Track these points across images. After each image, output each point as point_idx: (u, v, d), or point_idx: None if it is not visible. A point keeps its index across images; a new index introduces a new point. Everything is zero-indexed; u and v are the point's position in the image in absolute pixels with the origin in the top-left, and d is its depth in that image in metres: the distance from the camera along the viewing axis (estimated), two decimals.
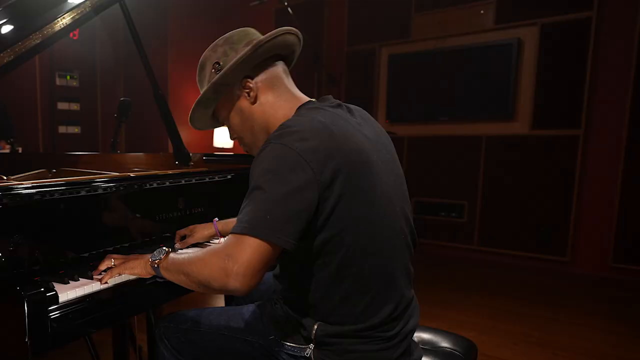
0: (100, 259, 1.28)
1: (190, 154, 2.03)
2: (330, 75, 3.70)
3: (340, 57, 4.94)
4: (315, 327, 1.10)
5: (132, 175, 1.44)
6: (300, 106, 1.17)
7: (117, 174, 1.46)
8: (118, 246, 1.35)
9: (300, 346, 1.14)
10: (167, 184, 1.50)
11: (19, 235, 1.09)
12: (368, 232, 1.06)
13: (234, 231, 0.99)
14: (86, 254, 1.26)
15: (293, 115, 1.14)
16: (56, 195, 1.17)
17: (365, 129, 1.15)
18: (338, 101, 1.20)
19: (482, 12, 4.18)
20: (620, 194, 3.68)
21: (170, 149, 2.06)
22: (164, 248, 1.16)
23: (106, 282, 1.13)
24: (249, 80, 1.19)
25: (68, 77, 4.51)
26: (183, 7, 4.79)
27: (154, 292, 1.23)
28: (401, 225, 1.14)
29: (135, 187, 1.40)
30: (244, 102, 1.22)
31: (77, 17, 1.59)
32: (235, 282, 0.95)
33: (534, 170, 4.02)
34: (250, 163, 2.04)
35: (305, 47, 1.33)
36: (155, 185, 1.46)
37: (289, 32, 1.19)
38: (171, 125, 1.97)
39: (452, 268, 4.23)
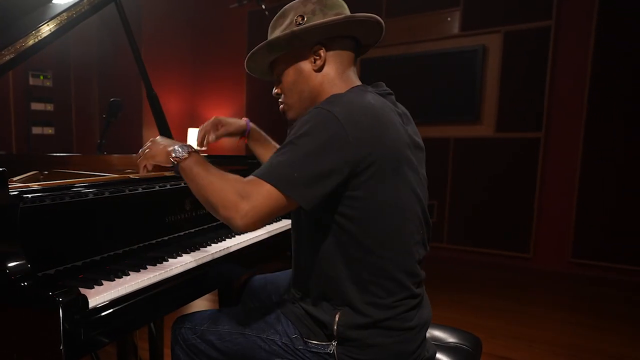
0: (115, 261, 1.26)
1: None
2: None
3: None
4: (337, 319, 1.12)
5: (159, 175, 1.42)
6: (356, 87, 1.19)
7: (129, 175, 1.44)
8: (135, 247, 1.33)
9: (323, 343, 1.15)
10: (183, 184, 1.49)
11: (41, 238, 1.06)
12: (393, 222, 1.09)
13: (259, 174, 1.02)
14: (98, 257, 1.23)
15: (346, 91, 1.16)
16: (79, 197, 1.14)
17: (406, 123, 1.19)
18: (389, 90, 1.24)
19: (448, 19, 4.33)
20: (578, 193, 3.92)
21: None
22: (188, 145, 1.17)
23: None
24: (322, 48, 1.19)
25: (41, 77, 4.30)
26: (156, 7, 4.69)
27: (183, 290, 1.23)
28: (421, 222, 1.18)
29: (157, 187, 1.38)
30: (307, 65, 1.21)
31: (74, 15, 1.55)
32: (240, 221, 1.00)
33: (499, 171, 4.20)
34: (243, 164, 2.06)
35: None
36: (168, 186, 1.45)
37: (379, 24, 1.20)
38: (164, 125, 1.94)
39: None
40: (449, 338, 1.42)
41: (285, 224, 1.90)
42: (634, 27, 3.58)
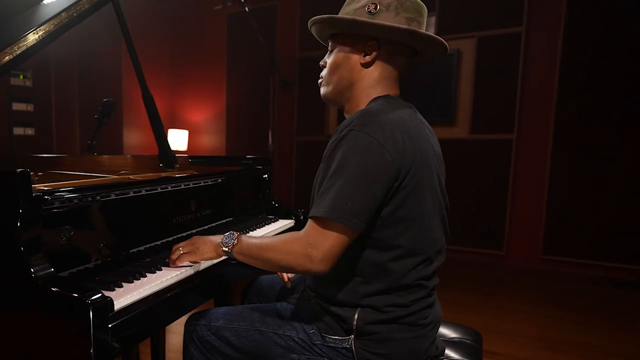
0: (127, 262, 1.26)
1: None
2: (284, 80, 3.76)
3: (293, 63, 5.02)
4: (356, 316, 1.15)
5: (172, 176, 1.42)
6: (384, 96, 1.21)
7: (128, 176, 1.44)
8: (142, 248, 1.33)
9: (341, 338, 1.17)
10: (202, 183, 1.52)
11: (56, 240, 1.06)
12: (419, 230, 1.13)
13: (315, 215, 1.05)
14: (108, 259, 1.23)
15: (374, 103, 1.18)
16: (96, 199, 1.14)
17: (430, 136, 1.23)
18: (410, 104, 1.26)
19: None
20: (548, 192, 4.09)
21: (126, 152, 2.03)
22: (234, 233, 1.20)
23: (179, 267, 1.24)
24: (377, 46, 1.19)
25: (21, 77, 4.14)
26: (135, 9, 4.62)
27: (199, 290, 1.25)
28: (441, 231, 1.23)
29: (170, 188, 1.39)
30: (356, 56, 1.22)
31: (74, 14, 1.54)
32: (319, 267, 1.04)
33: (474, 171, 4.34)
34: (237, 164, 2.08)
35: (262, 52, 1.38)
36: (182, 186, 1.46)
37: (442, 46, 1.21)
38: (158, 126, 1.93)
39: None
40: (452, 333, 1.48)
41: (283, 224, 1.94)
42: (599, 32, 3.77)
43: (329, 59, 1.29)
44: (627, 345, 2.72)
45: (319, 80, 1.33)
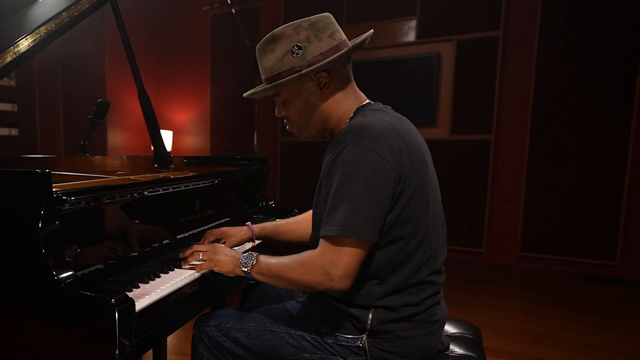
0: (137, 262, 1.26)
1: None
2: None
3: None
4: (370, 316, 1.16)
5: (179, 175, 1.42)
6: (362, 106, 1.24)
7: (128, 177, 1.43)
8: (148, 248, 1.34)
9: (354, 336, 1.19)
10: (208, 183, 1.53)
11: (69, 242, 1.06)
12: (424, 226, 1.17)
13: (328, 234, 1.05)
14: (117, 260, 1.23)
15: (359, 116, 1.20)
16: (120, 198, 1.14)
17: (416, 130, 1.26)
18: (389, 106, 1.29)
19: (406, 27, 4.53)
20: (525, 192, 4.22)
21: (110, 152, 2.02)
22: (253, 253, 1.20)
23: (198, 272, 1.24)
24: (326, 74, 1.20)
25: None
26: (120, 8, 4.55)
27: (212, 290, 1.28)
28: (442, 222, 1.27)
29: (179, 188, 1.40)
30: (312, 93, 1.22)
31: (74, 14, 1.53)
32: (340, 285, 1.05)
33: (454, 171, 4.43)
34: (233, 165, 2.09)
35: (246, 53, 1.38)
36: (191, 186, 1.47)
37: (368, 37, 1.25)
38: (154, 127, 1.92)
39: None
40: (452, 329, 1.51)
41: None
42: (573, 36, 3.92)
43: (286, 110, 1.28)
44: (604, 337, 2.84)
45: (288, 128, 1.33)
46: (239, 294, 1.71)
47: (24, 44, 1.38)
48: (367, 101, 1.29)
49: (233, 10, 3.33)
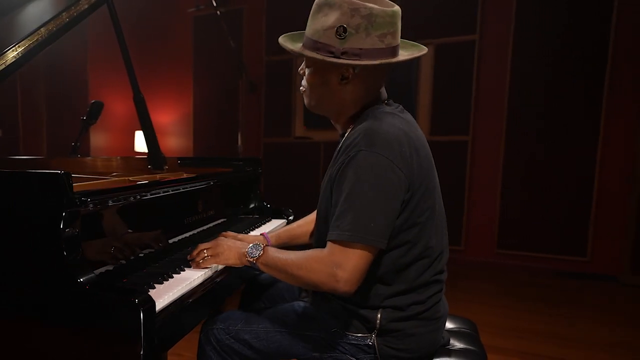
0: (146, 263, 1.27)
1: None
2: (251, 83, 3.77)
3: (260, 66, 5.04)
4: (379, 316, 1.19)
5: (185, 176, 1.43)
6: (374, 108, 1.22)
7: (128, 178, 1.44)
8: (154, 249, 1.35)
9: (363, 335, 1.21)
10: (211, 183, 1.54)
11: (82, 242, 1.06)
12: (430, 230, 1.20)
13: (338, 238, 1.06)
14: (125, 261, 1.23)
15: (371, 119, 1.17)
16: (134, 199, 1.16)
17: (423, 135, 1.29)
18: (401, 106, 1.30)
19: None
20: (501, 191, 4.35)
21: (93, 154, 2.01)
22: (260, 244, 1.20)
23: (206, 268, 1.25)
24: (352, 71, 1.17)
25: None
26: (103, 10, 4.47)
27: (223, 289, 1.29)
28: (444, 223, 1.31)
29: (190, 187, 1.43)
30: (333, 78, 1.20)
31: (74, 14, 1.52)
32: (345, 287, 1.06)
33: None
34: (227, 166, 2.10)
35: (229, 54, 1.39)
36: (189, 188, 1.49)
37: (410, 59, 1.23)
38: (149, 128, 1.92)
39: None
40: (450, 324, 1.56)
41: (277, 224, 1.98)
42: (546, 40, 4.07)
43: (305, 76, 1.26)
44: (579, 329, 2.98)
45: (301, 88, 1.31)
46: (238, 294, 1.71)
47: (25, 44, 1.36)
48: (380, 98, 1.27)
49: (218, 12, 3.33)
